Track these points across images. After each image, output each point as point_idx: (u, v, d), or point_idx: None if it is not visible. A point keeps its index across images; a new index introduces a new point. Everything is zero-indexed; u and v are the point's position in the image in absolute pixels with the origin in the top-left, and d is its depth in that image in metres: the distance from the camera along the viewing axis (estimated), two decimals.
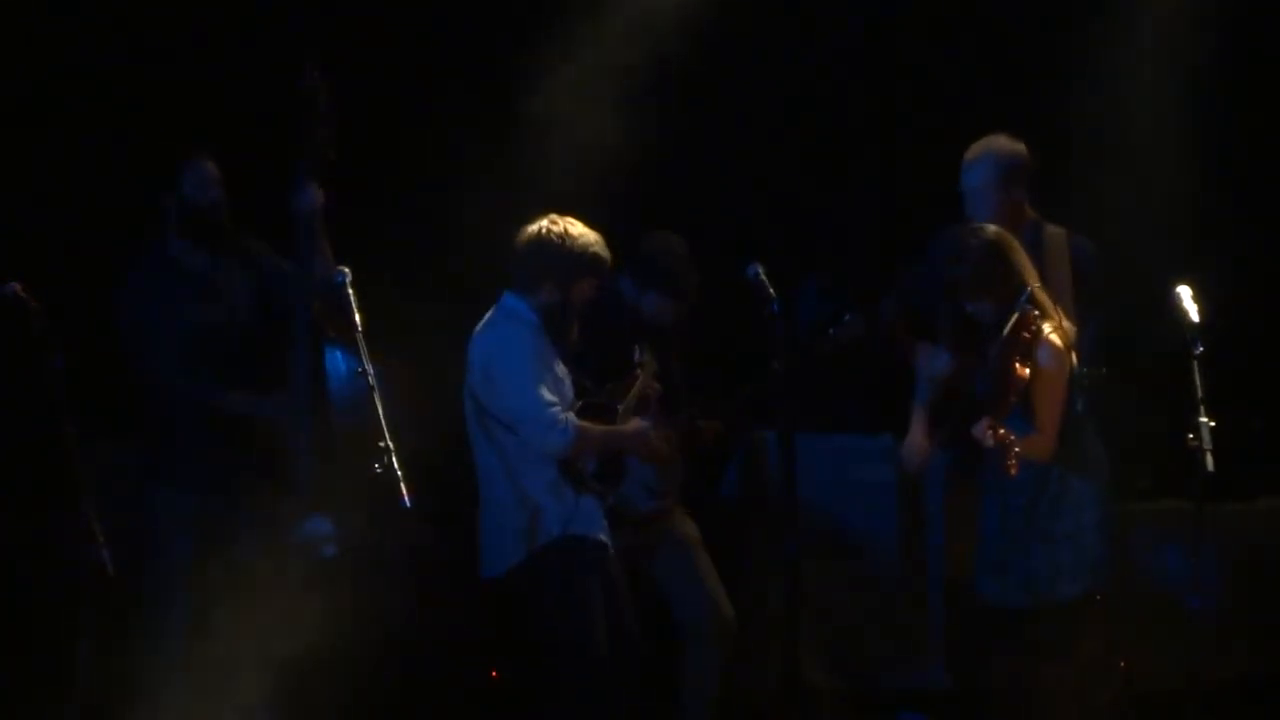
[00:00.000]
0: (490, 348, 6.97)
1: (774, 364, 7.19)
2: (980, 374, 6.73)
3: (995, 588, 6.86)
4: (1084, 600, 6.83)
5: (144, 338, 7.36)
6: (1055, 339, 6.77)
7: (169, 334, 7.35)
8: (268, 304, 7.49)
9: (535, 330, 6.94)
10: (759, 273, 7.23)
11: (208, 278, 7.47)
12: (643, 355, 7.43)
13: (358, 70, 8.09)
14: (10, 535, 7.87)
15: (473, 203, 8.31)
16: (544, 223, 6.98)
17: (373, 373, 6.77)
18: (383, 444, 6.63)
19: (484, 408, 6.94)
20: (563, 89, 8.72)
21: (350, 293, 6.90)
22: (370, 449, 6.66)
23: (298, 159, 7.42)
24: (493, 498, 7.03)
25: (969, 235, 6.91)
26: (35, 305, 6.69)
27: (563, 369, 6.95)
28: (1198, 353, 6.69)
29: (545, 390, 6.84)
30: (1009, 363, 6.64)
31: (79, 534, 6.59)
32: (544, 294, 6.97)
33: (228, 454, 7.33)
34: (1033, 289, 6.77)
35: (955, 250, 6.84)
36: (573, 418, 6.90)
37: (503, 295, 7.09)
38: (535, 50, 8.72)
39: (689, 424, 7.67)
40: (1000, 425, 6.52)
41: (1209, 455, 6.56)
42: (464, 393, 7.07)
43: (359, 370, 6.80)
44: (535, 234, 6.96)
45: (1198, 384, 6.65)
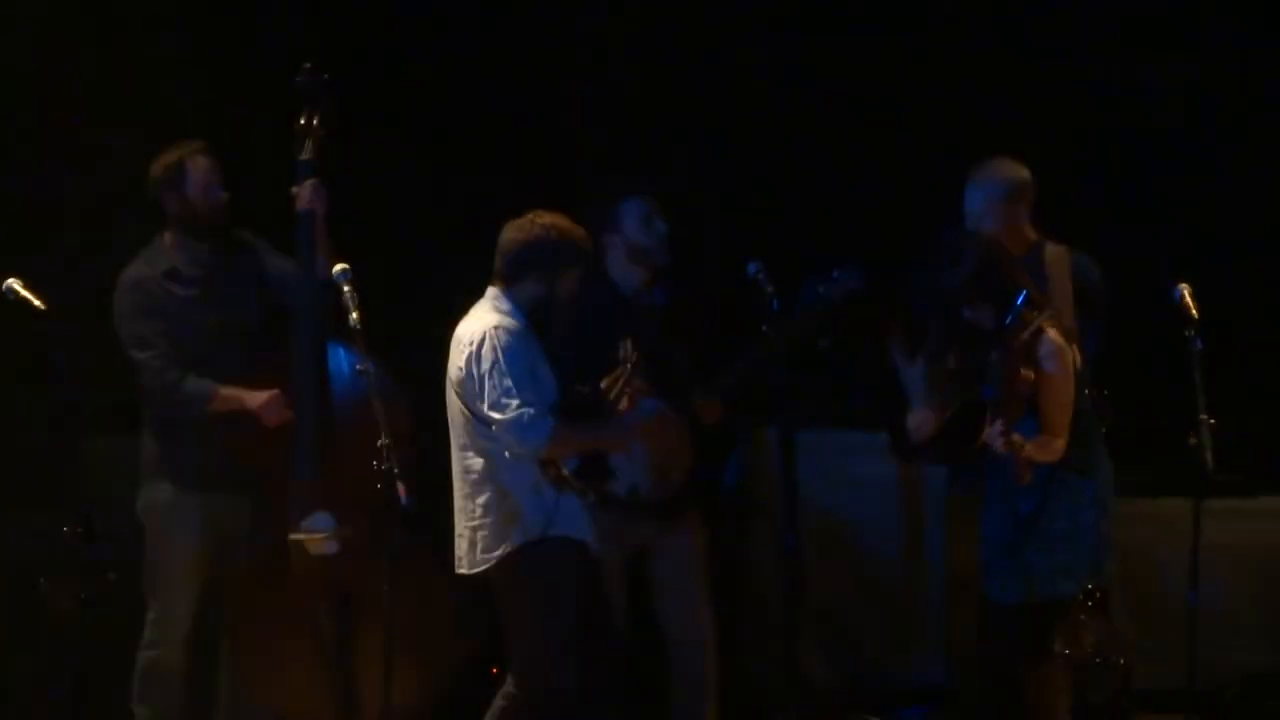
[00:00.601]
0: (470, 344, 6.88)
1: (764, 329, 7.18)
2: (987, 379, 6.71)
3: (996, 585, 6.87)
4: (1083, 599, 6.84)
5: (145, 337, 7.36)
6: (1056, 336, 6.77)
7: (170, 333, 7.36)
8: (269, 303, 7.50)
9: (518, 326, 6.84)
10: (759, 271, 7.24)
11: (208, 277, 7.48)
12: (627, 351, 7.35)
13: (357, 70, 8.10)
14: (11, 535, 7.89)
15: (473, 200, 8.32)
16: (528, 217, 6.96)
17: (373, 371, 6.79)
18: (382, 443, 6.64)
19: (463, 404, 6.86)
20: (561, 86, 8.75)
21: (351, 290, 6.90)
22: (370, 447, 6.67)
23: (298, 158, 7.44)
24: (470, 496, 6.96)
25: (965, 241, 6.92)
26: (37, 303, 6.69)
27: (545, 366, 6.87)
28: (1197, 352, 6.70)
29: (523, 389, 6.76)
30: (1013, 367, 6.63)
31: (80, 534, 6.59)
32: (529, 287, 6.91)
33: (228, 453, 7.34)
34: (1029, 291, 6.76)
35: (951, 257, 6.83)
36: (550, 417, 6.82)
37: (486, 290, 7.02)
38: (535, 50, 8.73)
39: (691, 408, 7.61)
40: (1012, 431, 6.53)
41: (1209, 455, 6.57)
42: (445, 388, 7.00)
43: (360, 368, 6.80)
44: (519, 227, 6.93)
45: (1198, 384, 6.66)
